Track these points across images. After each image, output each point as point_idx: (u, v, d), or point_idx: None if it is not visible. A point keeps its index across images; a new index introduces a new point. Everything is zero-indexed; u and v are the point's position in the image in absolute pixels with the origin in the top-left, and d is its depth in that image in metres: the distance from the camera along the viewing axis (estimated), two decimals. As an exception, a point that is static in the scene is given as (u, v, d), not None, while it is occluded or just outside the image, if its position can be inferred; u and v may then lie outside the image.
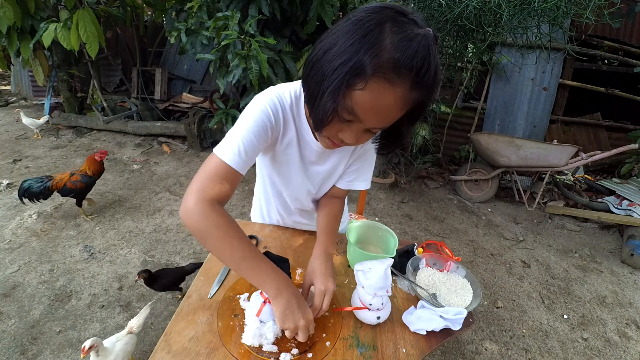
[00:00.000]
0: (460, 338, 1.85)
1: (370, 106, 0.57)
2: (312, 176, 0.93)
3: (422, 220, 3.02)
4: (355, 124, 0.62)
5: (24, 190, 2.41)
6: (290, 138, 0.83)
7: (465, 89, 4.03)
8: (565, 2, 2.04)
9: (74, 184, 2.48)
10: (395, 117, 0.61)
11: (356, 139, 0.66)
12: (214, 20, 2.77)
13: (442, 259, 0.98)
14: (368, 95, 0.56)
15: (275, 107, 0.77)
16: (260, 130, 0.74)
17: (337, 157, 0.91)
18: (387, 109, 0.58)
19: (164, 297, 1.96)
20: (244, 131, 0.73)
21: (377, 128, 0.64)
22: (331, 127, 0.64)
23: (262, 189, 1.06)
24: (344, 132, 0.65)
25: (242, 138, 0.72)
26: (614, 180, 3.62)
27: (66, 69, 4.38)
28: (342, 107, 0.59)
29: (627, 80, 3.93)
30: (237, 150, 0.71)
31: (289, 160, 0.87)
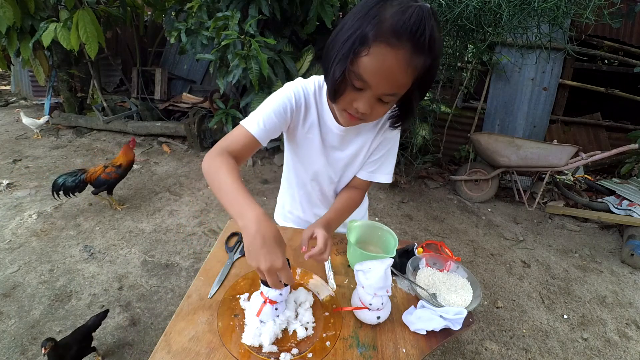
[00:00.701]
0: (460, 338, 1.85)
1: (376, 70, 0.63)
2: (334, 162, 0.97)
3: (422, 220, 3.02)
4: (366, 91, 0.67)
5: (59, 186, 2.50)
6: (311, 122, 0.89)
7: (465, 89, 4.03)
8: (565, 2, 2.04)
9: (109, 175, 2.62)
10: (402, 81, 0.65)
11: (370, 107, 0.70)
12: (214, 20, 2.77)
13: (442, 259, 0.98)
14: (373, 60, 0.62)
15: (298, 93, 0.86)
16: (280, 109, 0.84)
17: (359, 144, 0.93)
18: (392, 72, 0.63)
19: (163, 297, 1.96)
20: (266, 109, 0.84)
21: (388, 94, 0.67)
22: (345, 97, 0.71)
23: (287, 183, 1.12)
24: (358, 101, 0.70)
25: (263, 114, 0.83)
26: (614, 180, 3.62)
27: (66, 69, 4.39)
28: (351, 74, 0.65)
29: (627, 80, 3.93)
30: (257, 121, 0.82)
31: (311, 144, 0.93)
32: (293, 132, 0.92)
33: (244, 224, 0.65)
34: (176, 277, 2.12)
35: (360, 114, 0.72)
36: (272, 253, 0.63)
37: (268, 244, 0.63)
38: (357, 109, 0.71)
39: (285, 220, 1.21)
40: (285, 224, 1.22)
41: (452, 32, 2.68)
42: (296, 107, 0.86)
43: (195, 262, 2.25)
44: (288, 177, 1.10)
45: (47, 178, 3.20)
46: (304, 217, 1.14)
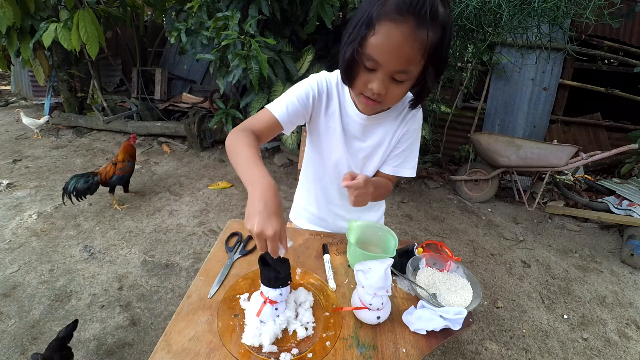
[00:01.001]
0: (460, 338, 1.85)
1: (384, 48, 0.66)
2: (355, 152, 0.98)
3: (422, 220, 3.02)
4: (378, 71, 0.71)
5: (70, 192, 2.47)
6: (333, 109, 0.92)
7: (465, 89, 4.03)
8: (565, 2, 2.04)
9: (123, 170, 2.68)
10: (410, 56, 0.67)
11: (384, 87, 0.72)
12: (214, 20, 2.77)
13: (442, 259, 0.98)
14: (380, 38, 0.66)
15: (321, 82, 0.91)
16: (303, 95, 0.89)
17: (380, 135, 0.94)
18: (399, 47, 0.66)
19: (163, 297, 1.96)
20: (290, 95, 0.89)
21: (399, 71, 0.70)
22: (359, 80, 0.75)
23: (304, 179, 1.14)
24: (372, 82, 0.73)
25: (286, 99, 0.88)
26: (614, 180, 3.62)
27: (66, 69, 4.39)
28: (362, 56, 0.70)
29: (627, 80, 3.93)
30: (281, 106, 0.87)
31: (332, 133, 0.95)
32: (315, 121, 0.95)
33: (251, 190, 0.66)
34: (176, 277, 2.12)
35: (376, 95, 0.74)
36: (268, 220, 0.63)
37: (267, 211, 0.64)
38: (371, 89, 0.73)
39: (299, 217, 1.21)
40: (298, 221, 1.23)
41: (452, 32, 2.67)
42: (318, 95, 0.90)
43: (195, 262, 2.25)
44: (306, 172, 1.11)
45: (47, 178, 3.20)
46: (318, 214, 1.15)
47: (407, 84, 0.74)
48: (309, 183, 1.13)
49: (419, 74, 0.73)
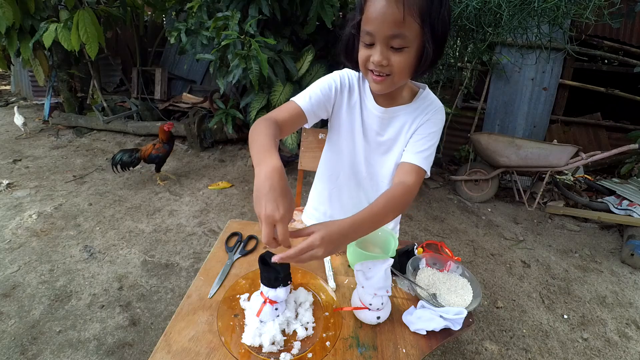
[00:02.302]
0: (460, 338, 1.84)
1: (373, 17, 0.72)
2: (374, 148, 1.00)
3: (422, 220, 3.02)
4: (376, 43, 0.75)
5: (117, 161, 3.00)
6: (354, 102, 0.97)
7: (465, 89, 4.03)
8: (565, 2, 2.04)
9: (158, 151, 3.10)
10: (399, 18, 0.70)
11: (384, 57, 0.76)
12: (214, 20, 2.77)
13: (442, 259, 0.98)
14: (369, 11, 0.72)
15: (343, 76, 0.96)
16: (326, 87, 0.94)
17: (397, 127, 0.95)
18: (385, 12, 0.70)
19: (163, 297, 1.96)
20: (314, 86, 0.94)
21: (393, 36, 0.73)
22: (362, 55, 0.79)
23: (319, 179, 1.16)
24: (373, 55, 0.77)
25: (310, 90, 0.93)
26: (614, 180, 3.62)
27: (66, 69, 4.38)
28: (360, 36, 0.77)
29: (627, 80, 3.92)
30: (304, 96, 0.91)
31: (353, 125, 0.98)
32: (337, 114, 0.98)
33: (258, 170, 0.65)
34: (176, 277, 2.12)
35: (380, 66, 0.77)
36: (275, 201, 0.61)
37: (274, 192, 0.62)
38: (373, 62, 0.77)
39: (310, 217, 1.22)
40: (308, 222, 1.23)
41: (452, 32, 2.67)
42: (341, 88, 0.95)
43: (195, 262, 2.25)
44: (321, 172, 1.13)
45: (47, 178, 3.20)
46: (330, 213, 1.15)
47: (409, 51, 0.75)
48: (323, 183, 1.14)
49: (419, 40, 0.75)
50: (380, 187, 1.04)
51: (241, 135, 4.14)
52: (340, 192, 1.10)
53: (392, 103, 0.93)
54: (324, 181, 1.13)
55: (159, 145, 3.10)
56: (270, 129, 0.78)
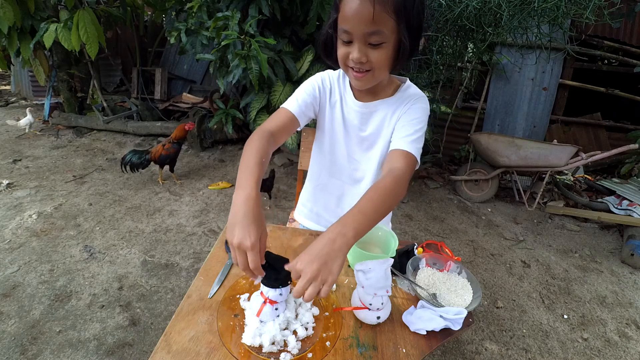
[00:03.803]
0: (460, 338, 1.84)
1: (349, 15, 0.73)
2: (358, 142, 1.02)
3: (422, 220, 3.02)
4: (354, 41, 0.77)
5: (127, 162, 3.03)
6: (335, 99, 1.01)
7: (465, 89, 4.03)
8: (565, 2, 2.04)
9: (168, 151, 3.10)
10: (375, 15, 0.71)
11: (363, 53, 0.78)
12: (214, 20, 2.77)
13: (442, 259, 0.98)
14: (345, 10, 0.74)
15: (324, 77, 1.02)
16: (310, 88, 0.99)
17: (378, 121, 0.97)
18: (360, 9, 0.71)
19: (163, 297, 1.96)
20: (299, 91, 0.99)
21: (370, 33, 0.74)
22: (340, 53, 0.82)
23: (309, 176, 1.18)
24: (352, 52, 0.79)
25: (297, 94, 0.98)
26: (614, 180, 3.62)
27: (66, 69, 4.38)
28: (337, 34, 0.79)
29: (627, 80, 3.93)
30: (294, 100, 0.96)
31: (335, 119, 1.02)
32: (322, 112, 1.03)
33: (235, 196, 0.68)
34: (176, 277, 2.12)
35: (359, 63, 0.79)
36: (247, 229, 0.63)
37: (246, 219, 0.64)
38: (352, 59, 0.79)
39: (300, 214, 1.26)
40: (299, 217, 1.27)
41: (452, 32, 2.67)
42: (323, 87, 1.00)
43: (195, 262, 2.25)
44: (311, 170, 1.17)
45: (47, 178, 3.20)
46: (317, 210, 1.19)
47: (386, 47, 0.77)
48: (310, 180, 1.18)
49: (396, 35, 0.76)
50: (365, 183, 1.06)
51: (241, 135, 4.14)
52: (323, 189, 1.13)
53: (374, 98, 0.96)
54: (310, 179, 1.17)
55: (168, 145, 3.11)
56: (262, 142, 0.81)
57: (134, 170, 3.08)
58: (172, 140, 3.14)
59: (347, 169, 1.06)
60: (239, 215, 0.65)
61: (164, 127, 4.30)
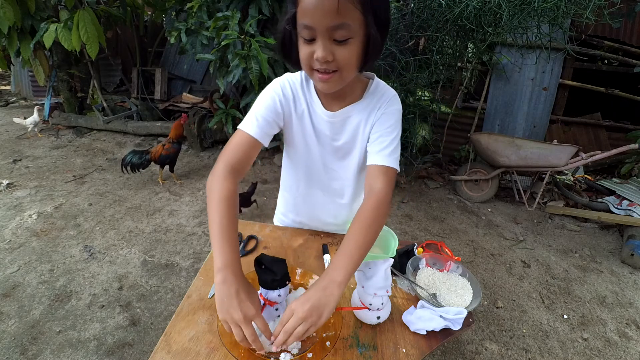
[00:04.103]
0: (460, 338, 1.85)
1: (310, 9, 0.65)
2: (332, 152, 0.94)
3: (422, 220, 3.02)
4: (317, 37, 0.68)
5: (127, 163, 3.03)
6: (302, 110, 0.90)
7: (465, 89, 4.03)
8: (565, 2, 2.04)
9: (168, 151, 3.11)
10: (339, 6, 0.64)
11: (329, 51, 0.69)
12: (214, 20, 2.77)
13: (442, 259, 0.98)
14: (305, 1, 0.65)
15: (284, 85, 0.88)
16: (270, 102, 0.86)
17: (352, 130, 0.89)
18: (326, 2, 0.64)
19: (163, 297, 1.96)
20: (257, 106, 0.86)
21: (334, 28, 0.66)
22: (304, 53, 0.72)
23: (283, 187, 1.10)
24: (316, 51, 0.70)
25: (255, 112, 0.85)
26: (614, 180, 3.62)
27: (66, 69, 4.39)
28: (297, 31, 0.70)
29: (627, 80, 3.93)
30: (251, 121, 0.84)
31: (305, 131, 0.92)
32: (289, 125, 0.92)
33: (215, 269, 0.67)
34: (176, 277, 2.12)
35: (325, 63, 0.70)
36: (238, 307, 0.63)
37: (232, 299, 0.63)
38: (317, 58, 0.70)
39: (280, 223, 1.19)
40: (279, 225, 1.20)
41: (452, 32, 2.68)
42: (285, 98, 0.87)
43: (195, 262, 2.25)
44: (285, 181, 1.08)
45: (47, 178, 3.20)
46: (300, 220, 1.12)
47: (353, 42, 0.69)
48: (287, 192, 1.09)
49: (363, 29, 0.69)
50: (345, 190, 1.00)
51: (241, 135, 4.13)
52: (305, 200, 1.06)
53: (342, 103, 0.86)
54: (287, 190, 1.09)
55: (168, 145, 3.12)
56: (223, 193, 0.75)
57: (134, 171, 3.09)
58: (172, 140, 3.14)
59: (324, 178, 0.99)
60: (223, 295, 0.64)
61: (164, 127, 4.30)
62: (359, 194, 1.01)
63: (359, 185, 0.98)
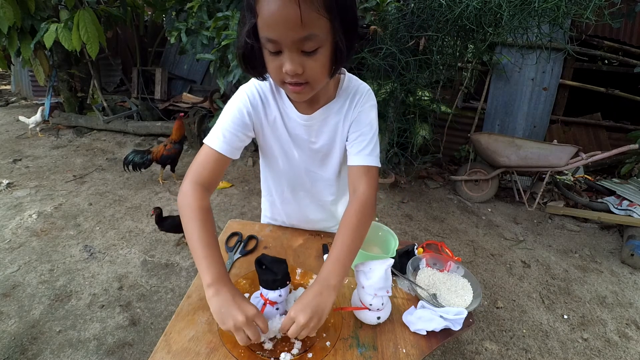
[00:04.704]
0: (460, 338, 1.85)
1: (272, 21, 0.60)
2: (311, 155, 0.92)
3: (422, 220, 3.02)
4: (284, 50, 0.63)
5: (129, 162, 3.05)
6: (274, 116, 0.86)
7: (465, 89, 4.02)
8: (566, 2, 2.04)
9: (169, 152, 3.13)
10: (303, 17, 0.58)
11: (298, 64, 0.64)
12: (214, 20, 2.77)
13: (442, 259, 0.98)
14: (265, 15, 0.60)
15: (252, 93, 0.84)
16: (236, 114, 0.82)
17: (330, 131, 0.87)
18: (286, 13, 0.58)
19: (163, 297, 1.96)
20: (223, 119, 0.82)
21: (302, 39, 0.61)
22: (272, 68, 0.68)
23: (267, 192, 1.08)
24: (284, 64, 0.65)
25: (221, 126, 0.82)
26: (614, 180, 3.62)
27: (66, 69, 4.38)
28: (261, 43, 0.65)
29: (627, 80, 3.92)
30: (217, 136, 0.81)
31: (280, 138, 0.89)
32: (260, 134, 0.89)
33: (206, 293, 0.67)
34: (176, 277, 2.12)
35: (296, 76, 0.66)
36: (237, 311, 0.64)
37: (229, 307, 0.65)
38: (287, 72, 0.65)
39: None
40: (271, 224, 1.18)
41: (452, 32, 2.67)
42: (253, 107, 0.83)
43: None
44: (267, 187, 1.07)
45: (47, 178, 3.20)
46: (289, 221, 1.12)
47: (323, 52, 0.65)
48: (271, 196, 1.07)
49: (331, 36, 0.64)
50: (329, 189, 1.00)
51: (241, 135, 4.13)
52: (291, 204, 1.05)
53: (316, 105, 0.84)
54: (272, 195, 1.07)
55: (169, 145, 3.13)
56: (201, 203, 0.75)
57: (136, 170, 3.11)
58: (174, 141, 3.15)
59: (306, 181, 0.98)
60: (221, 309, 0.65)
61: (164, 127, 4.30)
62: (343, 190, 1.02)
63: (343, 182, 0.99)
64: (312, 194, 1.01)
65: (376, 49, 2.83)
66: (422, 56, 2.80)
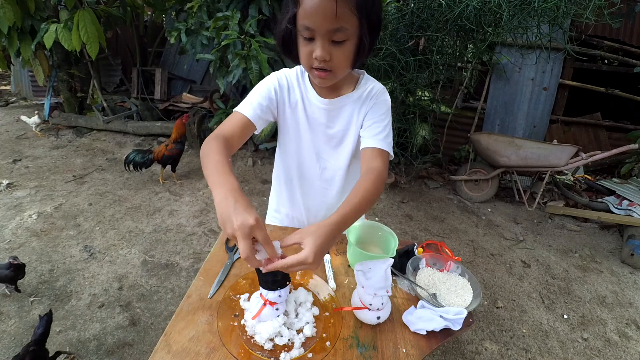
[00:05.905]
0: (460, 338, 1.85)
1: (312, 12, 0.71)
2: (325, 141, 0.98)
3: (422, 220, 3.02)
4: (317, 38, 0.74)
5: (130, 161, 3.05)
6: (295, 100, 0.96)
7: (465, 89, 4.02)
8: (565, 2, 2.04)
9: (171, 152, 3.13)
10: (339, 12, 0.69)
11: (327, 52, 0.75)
12: (214, 20, 2.77)
13: (442, 259, 0.98)
14: (307, 5, 0.71)
15: (280, 76, 0.96)
16: (264, 90, 0.93)
17: (346, 117, 0.94)
18: (327, 7, 0.69)
19: (163, 297, 1.96)
20: (254, 92, 0.93)
21: (334, 30, 0.72)
22: (303, 52, 0.78)
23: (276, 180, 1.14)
24: (315, 50, 0.76)
25: (252, 97, 0.92)
26: (614, 180, 3.62)
27: (66, 69, 4.38)
28: (298, 30, 0.76)
29: (627, 80, 3.93)
30: (247, 104, 0.90)
31: (297, 121, 0.97)
32: (282, 114, 0.97)
33: (216, 193, 0.66)
34: (176, 277, 2.12)
35: (324, 62, 0.77)
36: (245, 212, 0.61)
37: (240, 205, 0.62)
38: (316, 58, 0.76)
39: (272, 221, 1.19)
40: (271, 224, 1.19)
41: (452, 32, 2.68)
42: (280, 88, 0.94)
43: (195, 262, 2.25)
44: (277, 174, 1.12)
45: (47, 178, 3.20)
46: (292, 213, 1.14)
47: (349, 44, 0.76)
48: (280, 185, 1.12)
49: (357, 33, 0.75)
50: (337, 180, 1.03)
51: (241, 135, 4.13)
52: (299, 193, 1.08)
53: (336, 93, 0.93)
54: (281, 184, 1.11)
55: (171, 145, 3.13)
56: (220, 146, 0.78)
57: (137, 169, 3.11)
58: (175, 140, 3.15)
59: (316, 168, 1.02)
60: (228, 205, 0.62)
61: (164, 127, 4.30)
62: (348, 186, 1.03)
63: (349, 177, 1.03)
64: (319, 183, 1.05)
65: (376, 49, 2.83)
66: (421, 56, 2.80)
